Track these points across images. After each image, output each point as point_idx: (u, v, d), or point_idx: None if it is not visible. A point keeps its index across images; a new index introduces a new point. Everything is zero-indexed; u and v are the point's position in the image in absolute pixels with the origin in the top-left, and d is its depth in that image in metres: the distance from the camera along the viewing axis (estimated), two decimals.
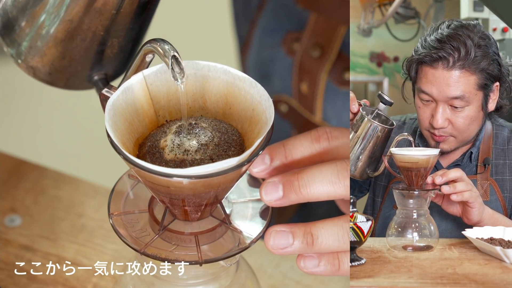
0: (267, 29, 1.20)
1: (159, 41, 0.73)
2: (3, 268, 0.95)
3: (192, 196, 0.71)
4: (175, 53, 0.72)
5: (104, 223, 1.01)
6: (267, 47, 1.20)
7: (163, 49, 0.72)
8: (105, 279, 0.95)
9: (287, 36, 1.17)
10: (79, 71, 0.82)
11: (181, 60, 0.72)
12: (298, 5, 1.14)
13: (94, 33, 0.78)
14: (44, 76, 0.83)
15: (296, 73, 1.15)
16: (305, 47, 1.14)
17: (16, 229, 1.00)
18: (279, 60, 1.18)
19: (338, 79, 1.13)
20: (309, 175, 0.76)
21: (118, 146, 0.69)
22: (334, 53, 1.12)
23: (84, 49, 0.80)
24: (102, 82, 0.83)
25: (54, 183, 1.05)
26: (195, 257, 0.74)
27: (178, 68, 0.73)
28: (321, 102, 1.14)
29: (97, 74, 0.83)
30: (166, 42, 0.73)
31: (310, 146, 0.80)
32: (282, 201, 0.77)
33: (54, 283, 0.94)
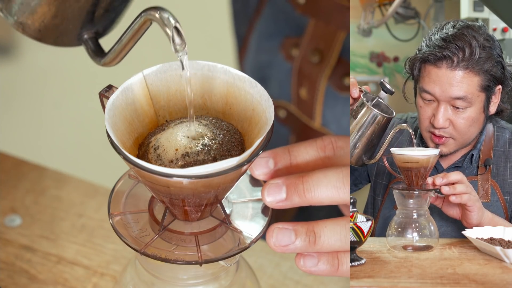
0: (265, 34, 1.20)
1: (159, 9, 0.71)
2: (3, 268, 0.95)
3: (192, 196, 0.71)
4: (177, 23, 0.70)
5: (104, 223, 1.01)
6: (265, 52, 1.19)
7: (163, 18, 0.70)
8: (105, 279, 0.95)
9: (285, 41, 1.17)
10: (69, 30, 0.82)
11: (182, 32, 0.70)
12: (297, 10, 1.14)
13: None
14: (33, 32, 0.82)
15: (295, 79, 1.15)
16: (304, 52, 1.14)
17: (16, 229, 1.00)
18: (276, 65, 1.17)
19: (337, 84, 1.12)
20: (314, 179, 0.76)
21: (118, 146, 0.69)
22: (334, 59, 1.11)
23: (77, 9, 0.79)
24: (92, 41, 0.82)
25: (54, 183, 1.05)
26: (195, 257, 0.74)
27: (179, 40, 0.71)
28: (320, 108, 1.13)
29: (87, 33, 0.82)
30: (166, 11, 0.70)
31: (315, 154, 0.80)
32: (284, 203, 0.76)
33: (54, 283, 0.94)
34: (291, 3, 1.14)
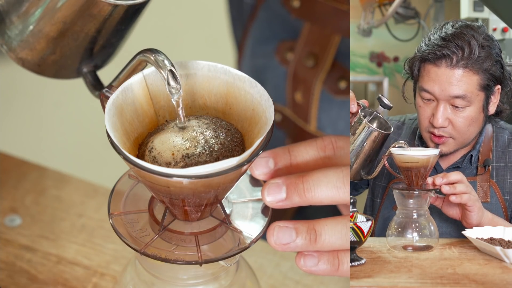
0: (260, 38, 1.19)
1: (154, 51, 0.72)
2: (3, 268, 0.95)
3: (192, 196, 0.71)
4: (172, 67, 0.71)
5: (104, 223, 1.01)
6: (260, 56, 1.19)
7: (158, 61, 0.71)
8: (105, 279, 0.95)
9: (280, 45, 1.17)
10: (68, 64, 0.83)
11: (177, 74, 0.71)
12: (292, 14, 1.14)
13: (86, 34, 0.78)
14: (33, 67, 0.84)
15: (290, 83, 1.15)
16: (299, 56, 1.14)
17: (16, 229, 1.00)
18: (272, 69, 1.17)
19: (333, 88, 1.12)
20: (314, 178, 0.76)
21: (118, 146, 0.69)
22: (329, 63, 1.11)
23: (75, 47, 0.80)
24: (91, 74, 0.83)
25: (55, 183, 1.05)
26: (195, 257, 0.74)
27: (174, 82, 0.72)
28: (315, 112, 1.13)
29: (86, 67, 0.83)
30: (161, 53, 0.71)
31: (315, 154, 0.80)
32: (284, 203, 0.76)
33: (54, 283, 0.94)
34: (286, 7, 1.14)
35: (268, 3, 1.18)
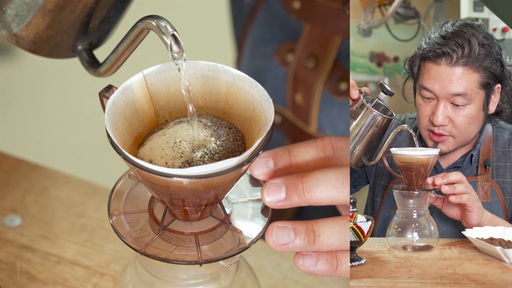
0: (259, 39, 1.19)
1: (156, 18, 0.71)
2: (3, 268, 0.95)
3: (192, 196, 0.71)
4: (174, 31, 0.70)
5: (104, 223, 1.01)
6: (259, 57, 1.19)
7: (160, 27, 0.70)
8: (105, 279, 0.95)
9: (280, 46, 1.16)
10: (64, 41, 0.82)
11: (180, 39, 0.71)
12: (292, 15, 1.14)
13: (84, 5, 0.77)
14: (28, 44, 0.82)
15: (290, 84, 1.15)
16: (299, 57, 1.13)
17: (16, 229, 1.00)
18: (271, 71, 1.17)
19: (333, 89, 1.12)
20: (314, 178, 0.76)
21: (118, 146, 0.69)
22: (329, 64, 1.11)
23: (72, 20, 0.79)
24: (86, 52, 0.82)
25: (54, 183, 1.05)
26: (195, 257, 0.74)
27: (177, 47, 0.71)
28: (316, 113, 1.13)
29: (82, 44, 0.82)
30: (163, 19, 0.71)
31: (315, 154, 0.80)
32: (283, 203, 0.76)
33: (54, 283, 0.94)
34: (286, 8, 1.14)
35: (268, 3, 1.17)
